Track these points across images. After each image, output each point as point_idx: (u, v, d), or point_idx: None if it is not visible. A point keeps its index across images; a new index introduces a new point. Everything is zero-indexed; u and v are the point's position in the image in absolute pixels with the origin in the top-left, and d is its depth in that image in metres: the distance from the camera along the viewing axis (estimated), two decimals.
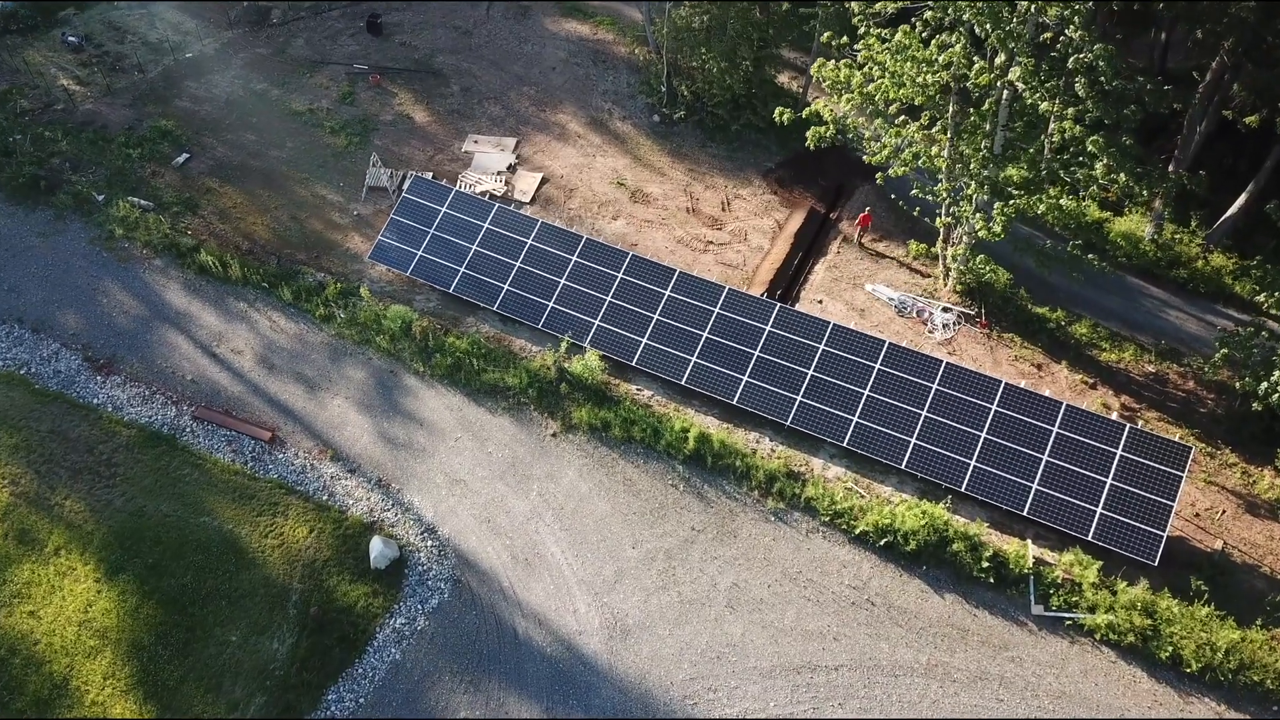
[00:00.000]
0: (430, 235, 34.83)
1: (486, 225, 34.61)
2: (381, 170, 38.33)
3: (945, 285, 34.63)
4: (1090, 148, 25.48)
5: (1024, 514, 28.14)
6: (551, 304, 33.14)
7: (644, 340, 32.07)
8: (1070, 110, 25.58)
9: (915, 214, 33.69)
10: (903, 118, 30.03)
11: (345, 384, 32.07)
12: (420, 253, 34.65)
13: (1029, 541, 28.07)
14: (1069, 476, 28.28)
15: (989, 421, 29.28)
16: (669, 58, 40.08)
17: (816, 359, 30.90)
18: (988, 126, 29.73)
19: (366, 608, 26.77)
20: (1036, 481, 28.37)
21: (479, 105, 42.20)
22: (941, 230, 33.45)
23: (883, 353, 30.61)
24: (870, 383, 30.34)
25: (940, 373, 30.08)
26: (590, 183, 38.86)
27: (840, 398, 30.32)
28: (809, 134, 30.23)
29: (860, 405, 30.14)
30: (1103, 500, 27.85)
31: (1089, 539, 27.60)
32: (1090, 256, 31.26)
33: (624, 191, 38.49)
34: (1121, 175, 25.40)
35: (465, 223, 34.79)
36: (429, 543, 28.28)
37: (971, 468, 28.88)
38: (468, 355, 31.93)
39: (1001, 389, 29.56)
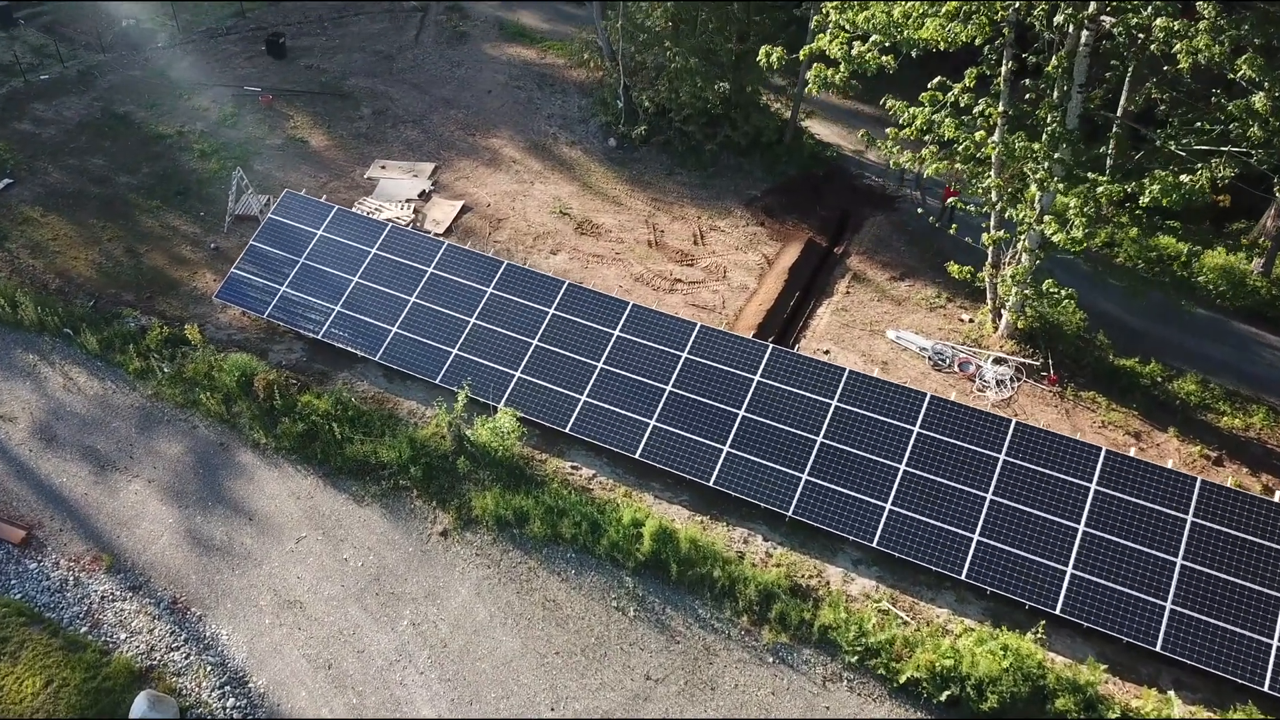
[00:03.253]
0: (300, 266, 25.73)
1: (375, 250, 25.58)
2: (252, 196, 29.57)
3: (996, 329, 25.55)
4: (1245, 69, 16.84)
5: (1156, 649, 18.24)
6: (456, 350, 23.79)
7: (582, 398, 22.62)
8: (1203, 23, 17.07)
9: (952, 231, 24.84)
10: (938, 79, 21.54)
11: (152, 461, 22.31)
12: (284, 288, 25.46)
13: (1171, 694, 18.06)
14: (1219, 590, 18.54)
15: (1088, 507, 19.68)
16: (626, 62, 32.00)
17: (828, 420, 21.45)
18: (1056, 95, 21.25)
19: None
20: (1171, 598, 18.58)
21: (393, 129, 33.92)
22: (989, 251, 24.60)
23: (923, 410, 21.22)
24: (908, 453, 20.82)
25: (1009, 438, 20.63)
26: (525, 212, 30.16)
27: (865, 475, 20.74)
28: (810, 75, 21.54)
29: (895, 486, 20.53)
30: None
31: (1265, 689, 17.65)
32: (1202, 279, 22.37)
33: (567, 222, 29.76)
34: None
35: (347, 248, 25.77)
36: (230, 701, 18.00)
37: (1068, 578, 19.11)
38: (328, 420, 22.34)
39: (1102, 460, 20.09)
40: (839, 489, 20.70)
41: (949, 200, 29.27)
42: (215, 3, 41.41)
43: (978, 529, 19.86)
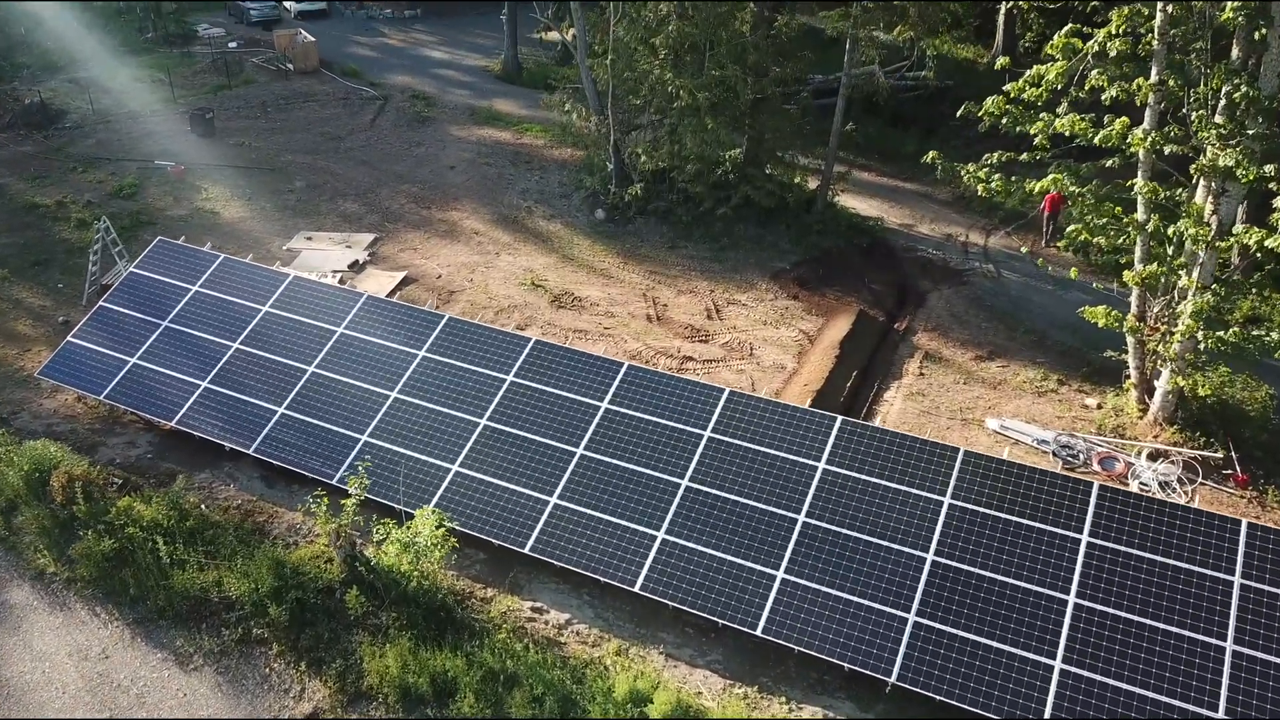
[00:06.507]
0: (161, 331, 18.35)
1: (267, 309, 18.29)
2: (127, 263, 22.53)
3: (1144, 412, 18.04)
4: None
5: None
6: (365, 437, 16.07)
7: (552, 500, 14.75)
8: None
9: (1072, 275, 17.82)
10: (1070, 26, 15.11)
11: None
12: (135, 360, 17.97)
13: None
14: None
15: None
16: (618, 114, 25.86)
17: (940, 527, 13.57)
18: (1236, 53, 14.85)
19: None
20: None
21: (329, 202, 27.43)
22: (1133, 299, 17.47)
23: (1091, 508, 13.40)
24: (1077, 576, 12.84)
25: (1241, 549, 12.75)
26: (487, 285, 23.16)
27: (1012, 614, 12.67)
28: None
29: (1065, 630, 12.44)
30: None
31: None
32: None
33: (542, 295, 22.72)
34: None
35: (230, 307, 18.48)
36: None
37: None
38: (152, 534, 14.28)
39: None
40: (969, 635, 12.57)
41: (1052, 214, 25.20)
42: (146, 89, 36.00)
43: (1220, 704, 11.65)
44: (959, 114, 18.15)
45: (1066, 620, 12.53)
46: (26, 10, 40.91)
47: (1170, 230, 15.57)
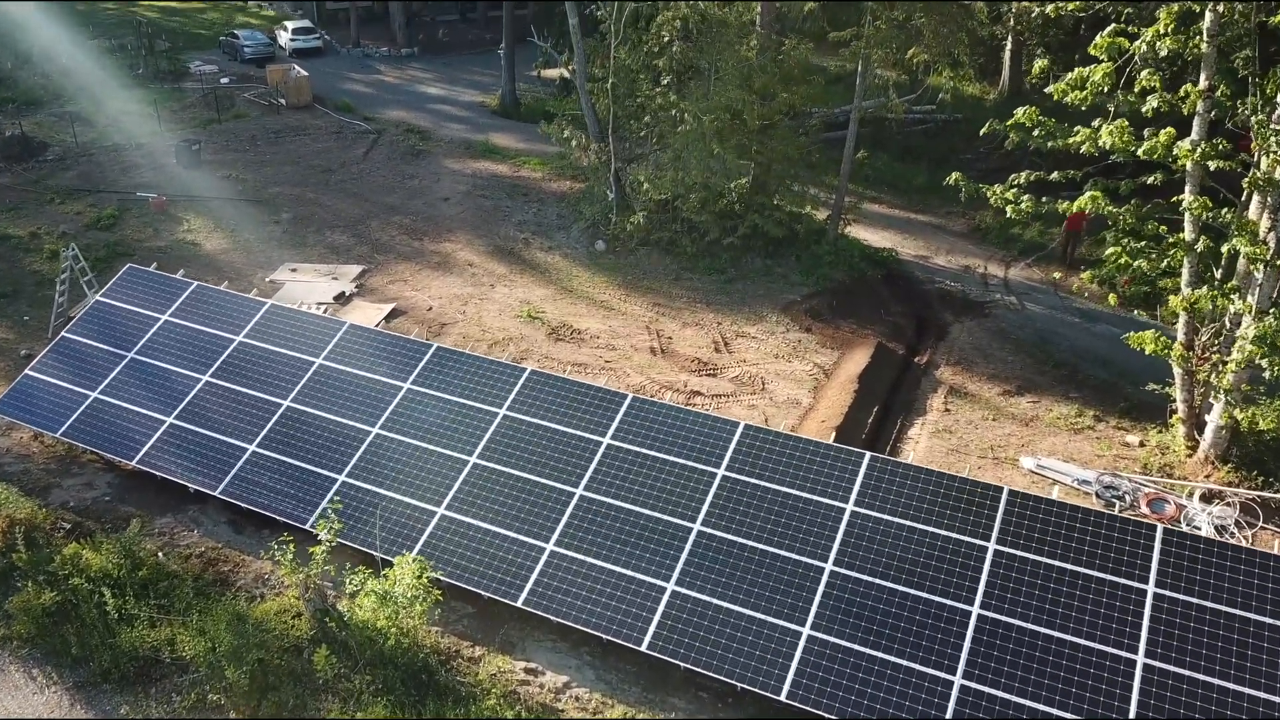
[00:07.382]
0: (126, 363, 16.95)
1: (241, 338, 16.90)
2: (97, 293, 21.18)
3: (1194, 449, 16.59)
4: None
5: None
6: (343, 476, 14.58)
7: (548, 546, 13.23)
8: None
9: (1110, 301, 16.47)
10: (1113, 26, 13.94)
11: None
12: (96, 394, 16.55)
13: None
14: None
15: None
16: (619, 142, 24.73)
17: (985, 575, 12.05)
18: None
19: None
20: None
21: (316, 234, 26.22)
22: (1180, 326, 16.12)
23: (1156, 553, 11.91)
24: (1144, 634, 11.31)
25: None
26: (481, 317, 21.83)
27: (1070, 676, 11.12)
28: None
29: (1134, 697, 10.88)
30: None
31: None
32: None
33: (539, 328, 21.38)
34: None
35: (201, 338, 17.10)
36: None
37: None
38: (99, 586, 12.73)
39: None
40: (1024, 701, 10.99)
41: (1072, 232, 24.49)
42: (134, 122, 35.02)
43: None
44: (982, 132, 17.14)
45: (1136, 683, 10.97)
46: (15, 45, 40.21)
47: (1225, 248, 14.28)
